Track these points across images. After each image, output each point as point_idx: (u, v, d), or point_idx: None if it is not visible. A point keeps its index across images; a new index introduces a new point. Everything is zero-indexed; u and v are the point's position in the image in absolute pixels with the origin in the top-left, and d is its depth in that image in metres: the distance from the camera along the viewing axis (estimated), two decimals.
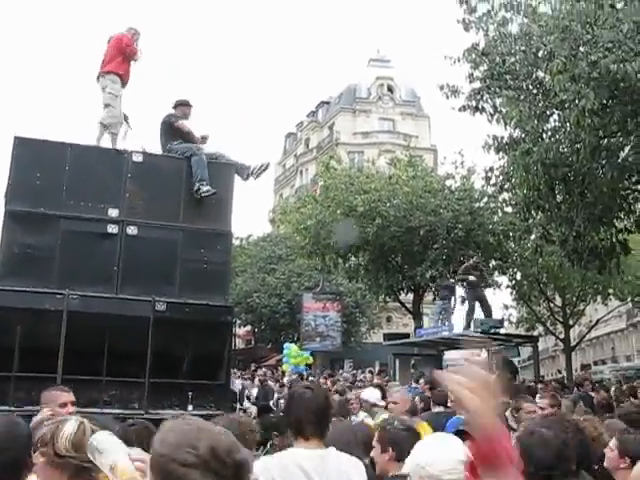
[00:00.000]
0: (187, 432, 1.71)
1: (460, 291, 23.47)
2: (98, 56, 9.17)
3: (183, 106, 8.96)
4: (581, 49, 10.53)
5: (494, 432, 1.69)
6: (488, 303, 18.48)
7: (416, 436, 3.85)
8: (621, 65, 9.57)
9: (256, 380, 19.03)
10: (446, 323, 20.49)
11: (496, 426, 1.70)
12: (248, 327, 42.15)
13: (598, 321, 35.80)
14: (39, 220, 7.50)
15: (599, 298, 30.03)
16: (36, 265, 7.35)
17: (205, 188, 7.85)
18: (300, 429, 3.36)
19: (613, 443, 4.09)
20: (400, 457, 3.72)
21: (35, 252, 7.41)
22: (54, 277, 7.32)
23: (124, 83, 9.12)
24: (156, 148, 8.82)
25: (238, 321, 37.86)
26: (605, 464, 4.01)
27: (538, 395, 8.35)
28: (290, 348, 24.29)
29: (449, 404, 7.95)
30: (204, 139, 8.88)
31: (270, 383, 17.74)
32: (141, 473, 2.02)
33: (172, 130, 8.60)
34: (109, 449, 2.17)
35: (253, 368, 23.34)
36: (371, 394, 7.94)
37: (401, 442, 3.78)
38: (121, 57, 8.96)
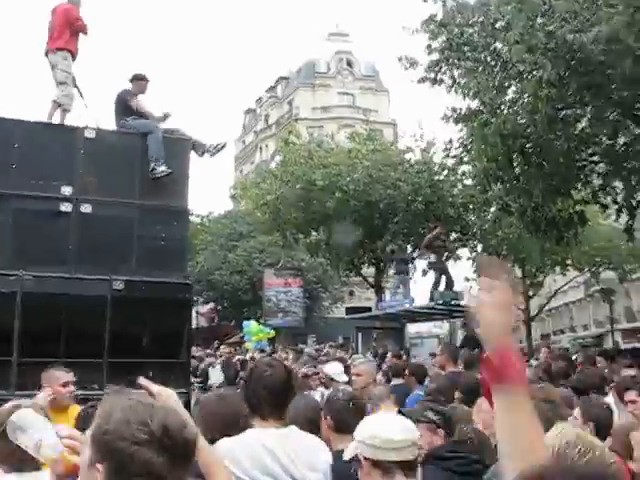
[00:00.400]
0: (136, 408, 1.65)
1: (422, 264, 23.66)
2: (43, 29, 8.86)
3: (139, 80, 8.73)
4: (538, 20, 10.54)
5: (508, 348, 1.70)
6: (450, 275, 18.60)
7: (360, 409, 3.84)
8: (577, 35, 9.62)
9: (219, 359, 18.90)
10: (402, 296, 20.59)
11: (510, 342, 1.71)
12: (211, 305, 41.96)
13: (557, 292, 36.43)
14: None
15: (558, 269, 30.51)
16: None
17: (160, 168, 7.67)
18: (259, 409, 3.23)
19: (577, 412, 4.11)
20: (339, 428, 3.72)
21: None
22: (7, 258, 7.11)
23: (74, 58, 8.85)
24: (111, 125, 8.62)
25: (200, 299, 37.70)
26: None
27: None
28: (250, 325, 24.10)
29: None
30: (166, 117, 8.68)
31: (234, 361, 17.60)
32: (70, 451, 1.94)
33: (126, 107, 8.39)
34: (33, 426, 2.01)
35: (216, 346, 23.20)
36: (332, 368, 7.91)
37: (342, 412, 3.75)
38: (69, 31, 8.65)
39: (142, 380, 2.50)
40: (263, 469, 3.01)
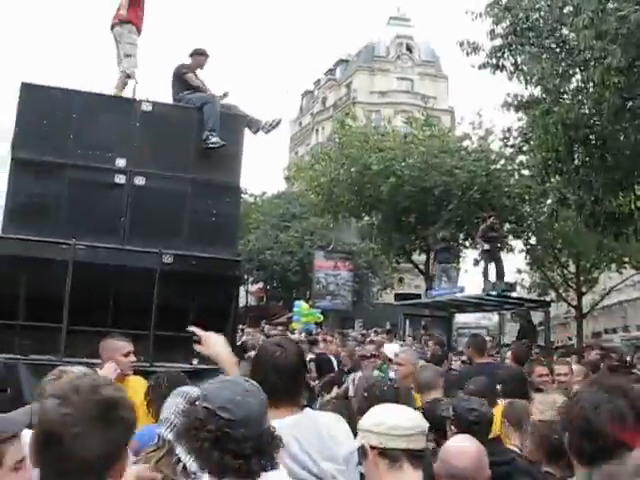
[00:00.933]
0: None
1: (474, 252, 23.34)
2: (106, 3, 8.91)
3: (199, 55, 8.72)
4: (609, 5, 10.16)
5: None
6: (502, 265, 18.28)
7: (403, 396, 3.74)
8: None
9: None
10: (445, 284, 20.37)
11: None
12: (260, 284, 42.25)
13: (611, 289, 35.58)
14: (46, 169, 7.34)
15: (614, 266, 29.81)
16: (42, 214, 7.23)
17: (214, 139, 7.65)
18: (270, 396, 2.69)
19: None
20: None
21: (41, 201, 7.28)
22: (61, 227, 7.18)
23: (139, 32, 8.89)
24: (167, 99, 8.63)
25: (250, 278, 37.95)
26: None
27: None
28: (300, 306, 24.18)
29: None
30: (225, 95, 8.68)
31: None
32: None
33: (182, 80, 8.39)
34: None
35: (263, 325, 23.33)
36: (391, 348, 7.89)
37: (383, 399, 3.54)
38: (134, 4, 8.70)
39: (191, 328, 2.87)
40: None
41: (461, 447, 3.00)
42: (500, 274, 17.92)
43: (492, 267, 18.19)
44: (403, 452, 2.54)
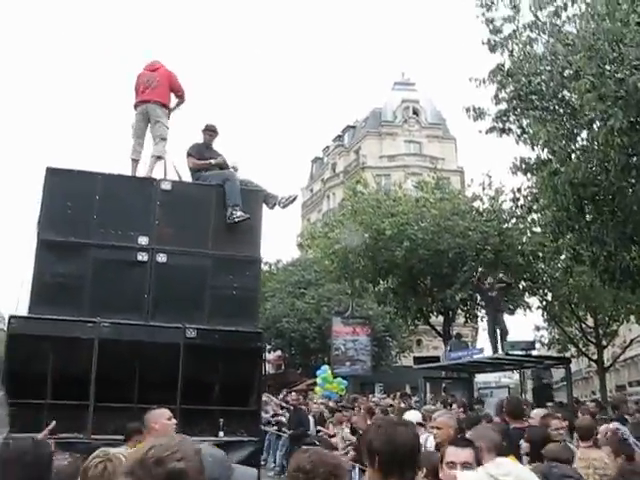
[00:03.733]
0: None
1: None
2: (125, 81, 9.23)
3: (209, 131, 9.04)
4: (607, 67, 10.47)
5: None
6: (503, 325, 18.21)
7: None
8: None
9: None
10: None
11: None
12: (278, 352, 42.06)
13: (632, 341, 35.21)
14: (70, 249, 7.58)
15: (632, 318, 29.58)
16: (68, 293, 7.42)
17: (238, 213, 7.90)
18: (399, 471, 2.80)
19: None
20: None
21: (67, 280, 7.48)
22: (85, 305, 7.38)
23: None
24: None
25: (268, 346, 37.83)
26: None
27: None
28: (326, 371, 24.15)
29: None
30: (235, 169, 8.92)
31: (303, 408, 17.56)
32: None
33: (200, 159, 8.69)
34: None
35: (284, 393, 23.23)
36: (411, 416, 7.92)
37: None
38: (168, 93, 9.02)
39: None
40: None
41: None
42: (502, 334, 17.83)
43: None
44: None
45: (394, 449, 2.79)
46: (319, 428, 15.56)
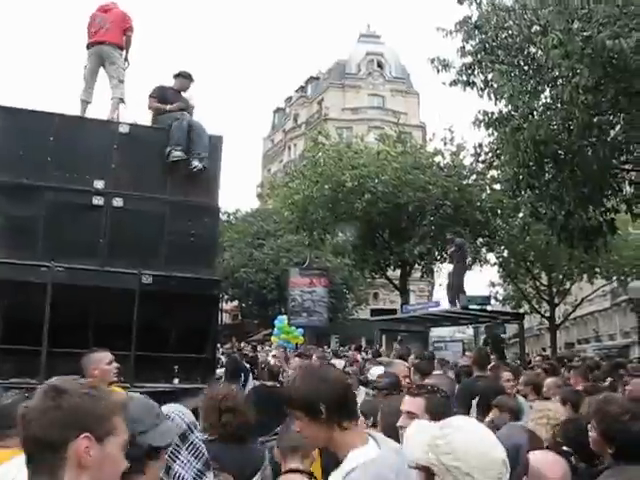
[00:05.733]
0: None
1: (448, 267, 23.47)
2: (80, 22, 8.93)
3: (183, 78, 8.76)
4: (575, 24, 10.41)
5: None
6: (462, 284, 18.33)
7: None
8: (616, 41, 9.47)
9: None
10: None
11: None
12: (235, 302, 42.10)
13: (583, 300, 36.04)
14: (24, 191, 7.33)
15: (585, 277, 30.22)
16: (20, 237, 7.21)
17: (176, 153, 7.66)
18: (352, 412, 2.64)
19: None
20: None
21: (20, 223, 7.25)
22: (39, 249, 7.18)
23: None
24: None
25: (225, 296, 37.83)
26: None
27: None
28: (283, 321, 24.24)
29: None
30: (190, 108, 8.69)
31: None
32: None
33: (161, 101, 8.45)
34: None
35: (236, 344, 23.27)
36: (376, 372, 8.04)
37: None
38: (122, 34, 8.74)
39: None
40: None
41: (552, 459, 2.98)
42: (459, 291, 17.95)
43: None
44: None
45: (340, 392, 2.59)
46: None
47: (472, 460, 2.03)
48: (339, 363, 14.54)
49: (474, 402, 6.55)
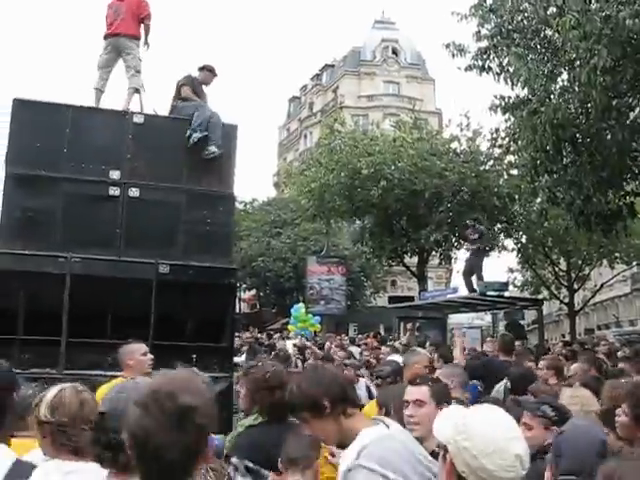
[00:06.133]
0: None
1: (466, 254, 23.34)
2: (98, 13, 8.93)
3: (208, 71, 8.76)
4: (593, 5, 10.26)
5: None
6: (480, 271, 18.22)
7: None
8: (636, 20, 9.31)
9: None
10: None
11: None
12: (253, 291, 42.21)
13: (602, 285, 35.75)
14: (40, 183, 7.39)
15: (605, 262, 29.94)
16: (38, 228, 7.27)
17: (196, 134, 7.68)
18: (353, 400, 2.79)
19: None
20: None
21: (36, 215, 7.32)
22: (56, 240, 7.23)
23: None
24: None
25: (243, 285, 37.94)
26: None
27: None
28: (299, 310, 24.29)
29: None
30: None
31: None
32: None
33: (178, 92, 8.45)
34: None
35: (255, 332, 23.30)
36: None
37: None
38: (137, 23, 8.72)
39: None
40: None
41: None
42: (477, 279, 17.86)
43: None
44: None
45: (338, 383, 2.75)
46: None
47: (481, 444, 2.00)
48: (355, 350, 14.63)
49: (497, 386, 6.56)
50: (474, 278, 17.38)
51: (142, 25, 8.75)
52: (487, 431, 2.04)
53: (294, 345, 16.05)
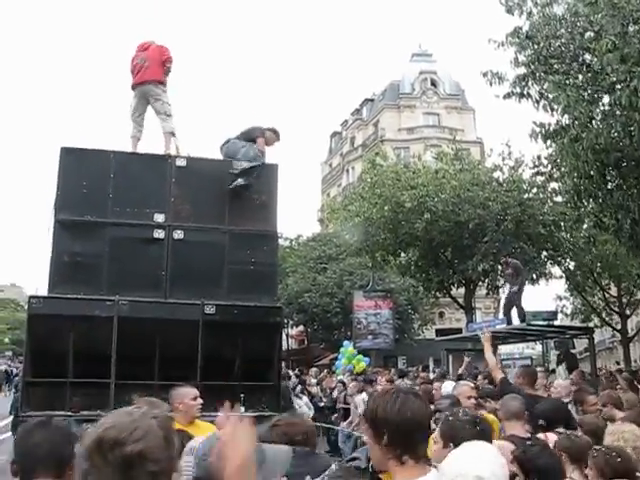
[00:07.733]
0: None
1: None
2: (123, 64, 9.15)
3: (273, 132, 8.93)
4: (630, 27, 10.18)
5: None
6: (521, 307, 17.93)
7: (484, 430, 3.36)
8: None
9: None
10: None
11: None
12: (301, 327, 42.14)
13: None
14: (87, 228, 7.57)
15: None
16: (86, 272, 7.43)
17: (240, 181, 7.82)
18: (412, 445, 2.46)
19: None
20: None
21: (85, 259, 7.49)
22: (104, 284, 7.38)
23: None
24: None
25: (290, 322, 37.93)
26: None
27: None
28: (348, 346, 24.25)
29: None
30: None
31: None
32: None
33: (251, 137, 8.57)
34: None
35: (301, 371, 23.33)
36: (446, 387, 7.98)
37: (464, 436, 3.15)
38: (162, 69, 8.92)
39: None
40: None
41: None
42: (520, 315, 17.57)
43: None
44: None
45: (406, 420, 2.43)
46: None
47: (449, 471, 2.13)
48: (404, 383, 14.50)
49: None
50: (514, 311, 17.13)
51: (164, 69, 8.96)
52: (455, 456, 2.22)
53: (339, 381, 16.08)
